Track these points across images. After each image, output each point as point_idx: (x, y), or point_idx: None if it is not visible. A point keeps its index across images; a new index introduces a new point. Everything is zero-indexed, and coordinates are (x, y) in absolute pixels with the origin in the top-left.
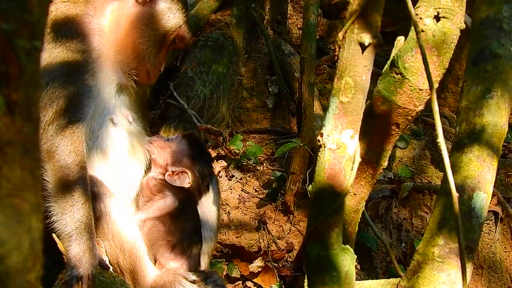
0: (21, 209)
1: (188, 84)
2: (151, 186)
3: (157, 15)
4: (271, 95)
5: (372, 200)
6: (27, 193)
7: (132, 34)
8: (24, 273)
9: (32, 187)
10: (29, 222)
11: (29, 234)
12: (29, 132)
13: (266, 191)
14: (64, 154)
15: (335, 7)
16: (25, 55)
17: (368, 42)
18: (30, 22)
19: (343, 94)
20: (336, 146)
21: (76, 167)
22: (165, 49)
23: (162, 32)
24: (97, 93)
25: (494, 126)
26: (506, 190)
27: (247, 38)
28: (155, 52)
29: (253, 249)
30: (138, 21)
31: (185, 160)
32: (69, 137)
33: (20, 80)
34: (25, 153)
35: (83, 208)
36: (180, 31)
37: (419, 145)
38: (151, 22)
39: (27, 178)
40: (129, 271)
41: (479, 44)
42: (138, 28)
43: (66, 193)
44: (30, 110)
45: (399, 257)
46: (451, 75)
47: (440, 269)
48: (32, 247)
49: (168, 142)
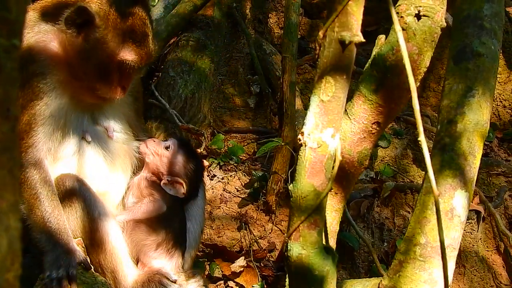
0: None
1: (170, 84)
2: (142, 187)
3: (89, 48)
4: (253, 95)
5: (354, 200)
6: (5, 192)
7: (77, 64)
8: (2, 272)
9: (10, 186)
10: (7, 221)
11: (7, 233)
12: (7, 131)
13: (248, 191)
14: (27, 171)
15: (317, 6)
16: (4, 53)
17: (349, 40)
18: (9, 20)
19: (323, 92)
20: (317, 145)
21: (39, 183)
22: (116, 72)
23: (99, 63)
24: (56, 118)
25: (475, 125)
26: (488, 189)
27: (229, 38)
28: (103, 79)
29: (235, 248)
30: (76, 53)
31: (181, 171)
32: (29, 158)
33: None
34: (3, 151)
35: (53, 218)
36: (121, 57)
37: (401, 144)
38: (86, 55)
39: (5, 177)
40: (110, 270)
41: (460, 43)
42: (78, 60)
43: (35, 208)
44: (8, 108)
45: (381, 256)
46: (433, 74)
47: (422, 268)
48: (10, 246)
49: (165, 151)
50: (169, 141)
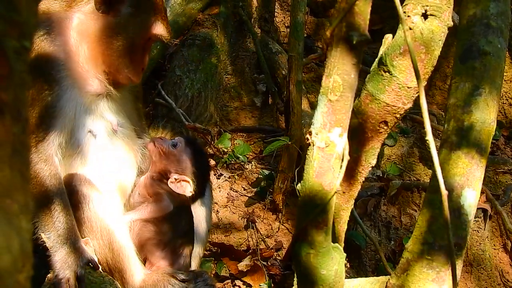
0: (11, 210)
1: (176, 83)
2: (148, 186)
3: (122, 24)
4: (259, 94)
5: (361, 198)
6: (16, 194)
7: (101, 46)
8: (14, 274)
9: (21, 187)
10: (18, 223)
11: (18, 235)
12: (18, 133)
13: (255, 190)
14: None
15: (323, 5)
16: (14, 55)
17: (356, 40)
18: (19, 22)
19: (331, 92)
20: (324, 144)
21: (49, 179)
22: (141, 51)
23: (130, 40)
24: (67, 109)
25: (482, 123)
26: (495, 187)
27: (235, 37)
28: (129, 58)
29: (242, 247)
30: (104, 32)
31: (188, 169)
32: (39, 152)
33: (10, 80)
34: (14, 153)
35: (62, 217)
36: (153, 32)
37: (407, 143)
38: (116, 32)
39: (16, 178)
40: (118, 270)
41: (466, 42)
42: (105, 40)
43: (44, 205)
44: (19, 110)
45: (388, 255)
46: (439, 72)
47: (430, 266)
48: (22, 247)
49: (172, 149)
50: (176, 139)
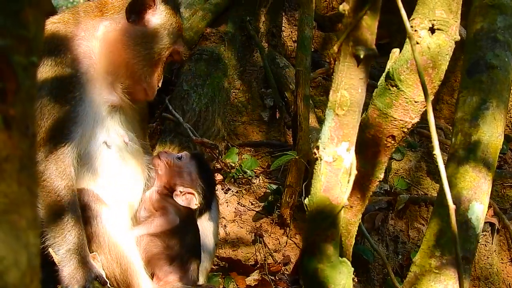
0: (19, 225)
1: (184, 98)
2: (153, 201)
3: (151, 34)
4: (267, 108)
5: (368, 212)
6: (24, 209)
7: (126, 55)
8: None
9: (29, 202)
10: (26, 238)
11: (26, 250)
12: (26, 148)
13: (262, 204)
14: (52, 178)
15: (330, 20)
16: (22, 71)
17: (364, 55)
18: (27, 38)
19: (339, 107)
20: (332, 159)
21: (64, 191)
22: (161, 66)
23: (156, 50)
24: (86, 118)
25: (489, 137)
26: (502, 201)
27: (242, 51)
28: (151, 70)
29: (249, 262)
30: (131, 41)
31: (193, 182)
32: (56, 162)
33: (18, 95)
34: (22, 168)
35: (74, 230)
36: (175, 46)
37: (414, 157)
38: (144, 41)
39: (24, 194)
40: (126, 285)
41: (474, 55)
42: (132, 49)
43: (57, 217)
44: (27, 126)
45: (396, 269)
46: (446, 86)
47: (437, 280)
48: (29, 263)
49: (178, 161)
50: (181, 153)
